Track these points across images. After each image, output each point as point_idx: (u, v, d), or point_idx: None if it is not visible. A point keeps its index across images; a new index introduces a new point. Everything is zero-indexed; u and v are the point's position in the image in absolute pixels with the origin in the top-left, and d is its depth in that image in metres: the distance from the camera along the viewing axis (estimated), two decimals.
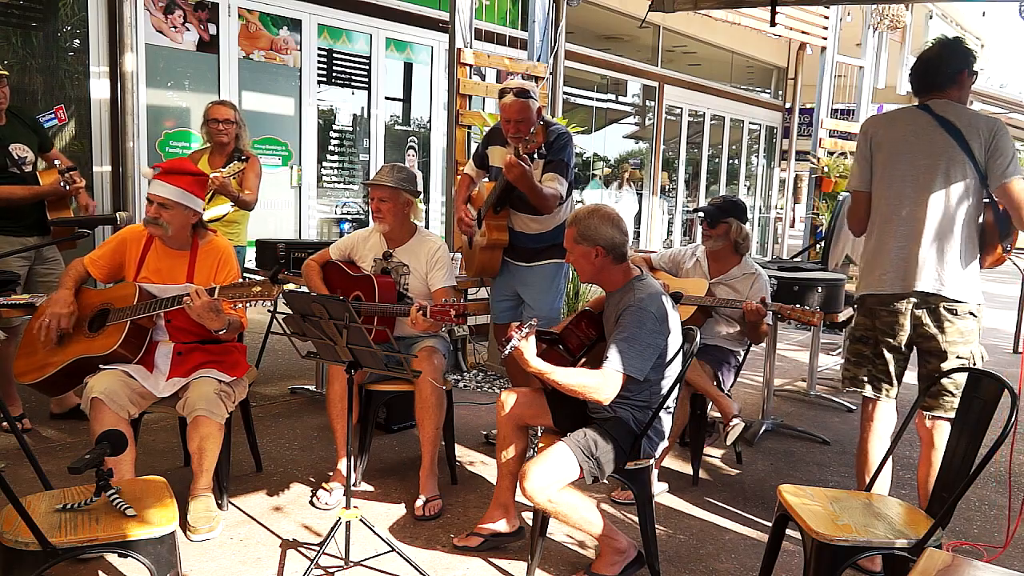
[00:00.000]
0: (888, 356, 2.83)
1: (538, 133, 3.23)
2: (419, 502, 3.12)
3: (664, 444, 2.74)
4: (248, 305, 2.74)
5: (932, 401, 2.76)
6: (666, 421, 2.69)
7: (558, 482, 2.48)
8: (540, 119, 3.54)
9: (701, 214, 3.72)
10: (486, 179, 3.84)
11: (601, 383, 2.49)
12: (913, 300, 2.75)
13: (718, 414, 3.58)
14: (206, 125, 4.34)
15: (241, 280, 2.84)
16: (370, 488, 3.37)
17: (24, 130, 3.78)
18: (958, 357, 2.73)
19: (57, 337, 2.90)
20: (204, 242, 3.07)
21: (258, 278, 2.79)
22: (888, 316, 2.80)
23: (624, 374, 2.50)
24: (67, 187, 3.64)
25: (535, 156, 3.39)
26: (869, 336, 2.87)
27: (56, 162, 3.77)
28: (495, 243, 3.66)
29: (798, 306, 3.52)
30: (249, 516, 3.04)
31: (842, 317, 4.15)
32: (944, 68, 2.78)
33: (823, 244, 4.85)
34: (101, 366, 2.83)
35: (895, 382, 2.86)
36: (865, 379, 2.89)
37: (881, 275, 2.81)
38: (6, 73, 3.63)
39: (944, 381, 2.71)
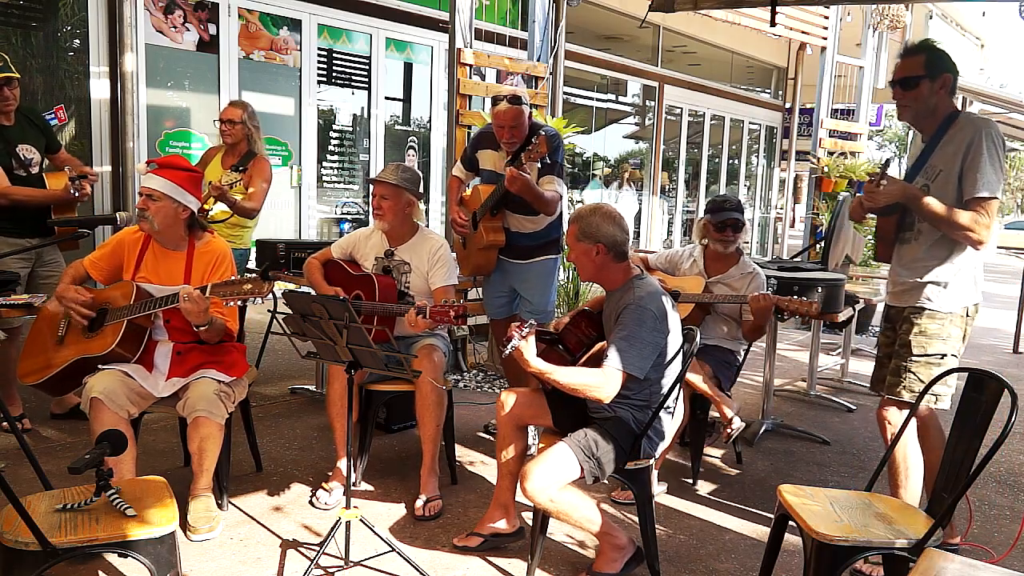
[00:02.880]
0: None
1: (542, 142, 3.30)
2: (419, 502, 3.12)
3: (664, 444, 2.74)
4: (241, 303, 2.73)
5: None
6: (666, 421, 2.69)
7: (559, 482, 2.48)
8: (531, 123, 3.64)
9: (724, 220, 3.65)
10: (477, 181, 3.91)
11: (602, 381, 2.49)
12: None
13: (718, 414, 3.58)
14: (219, 124, 4.34)
15: (233, 278, 2.83)
16: (370, 488, 3.37)
17: (32, 131, 3.78)
18: None
19: (87, 323, 2.91)
20: (201, 243, 3.06)
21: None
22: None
23: (624, 372, 2.50)
24: (76, 194, 3.65)
25: (546, 165, 3.50)
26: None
27: (67, 168, 3.78)
28: (492, 244, 3.76)
29: (795, 297, 3.51)
30: (249, 516, 3.04)
31: (842, 317, 4.14)
32: None
33: (823, 244, 4.85)
34: (100, 366, 2.83)
35: None
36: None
37: (980, 282, 2.80)
38: (17, 76, 3.63)
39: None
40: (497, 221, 3.74)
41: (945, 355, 2.73)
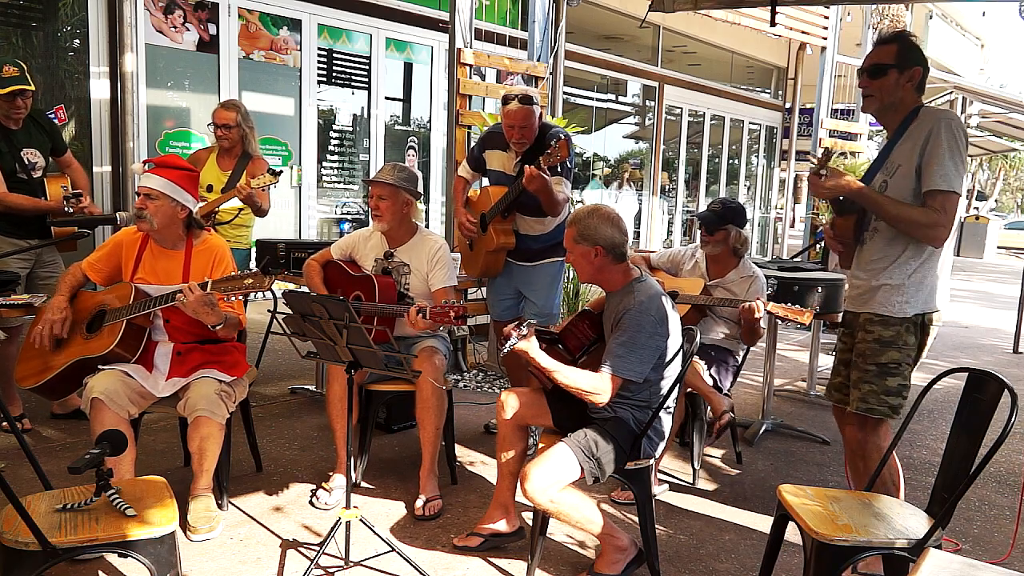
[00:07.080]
0: None
1: (562, 147, 3.31)
2: (419, 502, 3.12)
3: (664, 444, 2.74)
4: (243, 298, 2.73)
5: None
6: (666, 421, 2.69)
7: (559, 483, 2.47)
8: (541, 123, 3.65)
9: (698, 220, 3.72)
10: (485, 181, 3.90)
11: (599, 386, 2.50)
12: None
13: (711, 410, 3.57)
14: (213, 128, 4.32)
15: (234, 273, 2.83)
16: (370, 488, 3.37)
17: (39, 135, 3.78)
18: None
19: (54, 342, 2.90)
20: (199, 241, 3.06)
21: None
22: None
23: (621, 377, 2.51)
24: (70, 210, 3.64)
25: (559, 168, 3.49)
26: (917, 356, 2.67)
27: (64, 186, 3.76)
28: (502, 246, 3.77)
29: (788, 304, 3.48)
30: (249, 516, 3.04)
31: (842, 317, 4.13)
32: None
33: (823, 244, 4.85)
34: (100, 366, 2.83)
35: None
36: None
37: (943, 289, 2.64)
38: (32, 88, 3.64)
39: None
40: (508, 223, 3.75)
41: (900, 364, 2.58)
